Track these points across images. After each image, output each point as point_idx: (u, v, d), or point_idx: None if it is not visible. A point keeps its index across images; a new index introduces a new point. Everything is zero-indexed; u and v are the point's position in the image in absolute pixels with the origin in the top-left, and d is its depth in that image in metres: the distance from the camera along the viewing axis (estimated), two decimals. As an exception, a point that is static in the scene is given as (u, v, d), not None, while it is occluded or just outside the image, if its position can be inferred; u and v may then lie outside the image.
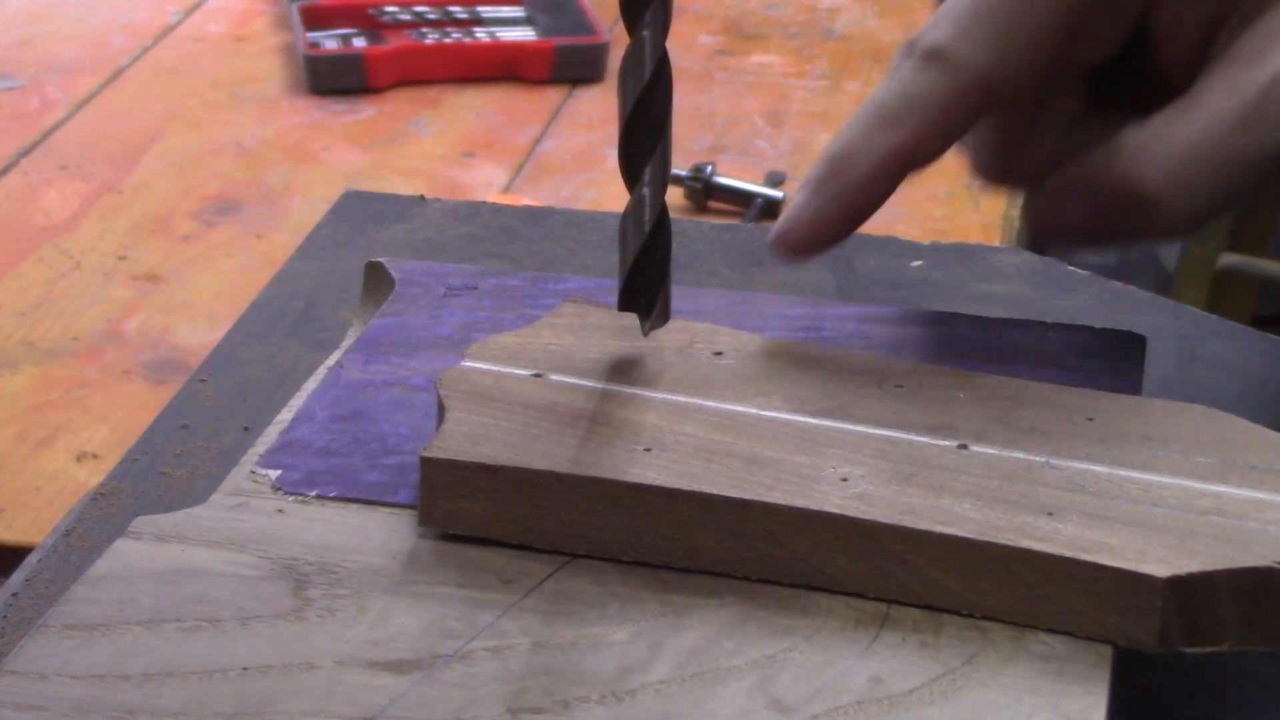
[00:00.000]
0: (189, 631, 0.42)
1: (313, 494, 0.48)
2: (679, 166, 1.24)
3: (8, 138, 1.34)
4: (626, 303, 0.49)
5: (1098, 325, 0.56)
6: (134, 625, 0.42)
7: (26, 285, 1.14)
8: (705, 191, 1.24)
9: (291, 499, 0.48)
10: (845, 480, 0.45)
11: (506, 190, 1.27)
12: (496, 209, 0.71)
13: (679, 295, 0.53)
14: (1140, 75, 0.54)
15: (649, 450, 0.46)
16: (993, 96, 0.51)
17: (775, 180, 1.25)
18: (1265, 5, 0.51)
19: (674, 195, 1.19)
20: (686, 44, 1.50)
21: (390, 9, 1.50)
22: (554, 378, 0.49)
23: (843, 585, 0.44)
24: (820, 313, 0.56)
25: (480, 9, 1.51)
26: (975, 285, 0.57)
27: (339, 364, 0.54)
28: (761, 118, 1.38)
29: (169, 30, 1.54)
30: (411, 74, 1.44)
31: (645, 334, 0.50)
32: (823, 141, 1.32)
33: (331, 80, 1.42)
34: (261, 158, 1.32)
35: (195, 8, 1.59)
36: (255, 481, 0.48)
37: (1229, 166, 0.50)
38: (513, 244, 0.68)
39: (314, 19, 1.48)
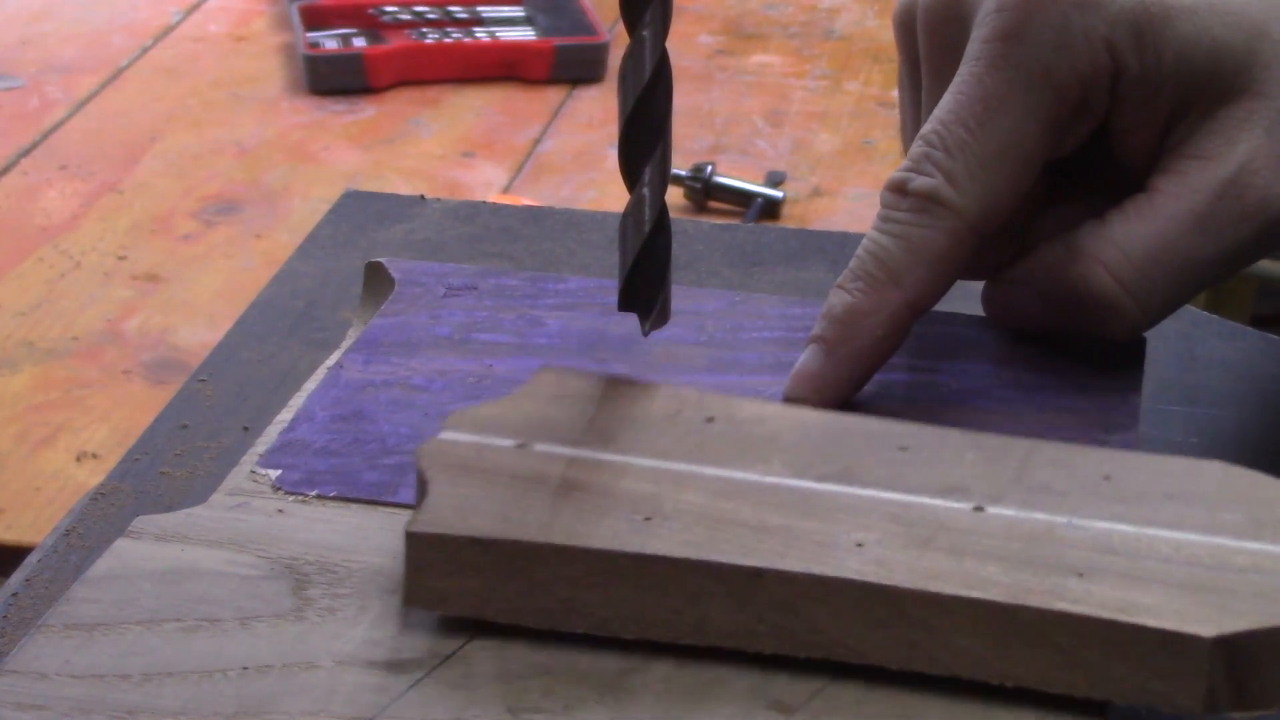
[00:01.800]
0: (189, 631, 0.42)
1: (313, 494, 0.48)
2: (679, 166, 1.24)
3: (8, 138, 1.34)
4: (626, 303, 0.49)
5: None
6: (134, 625, 0.42)
7: (26, 285, 1.14)
8: (705, 191, 1.24)
9: (291, 499, 0.48)
10: (860, 546, 0.43)
11: (506, 190, 1.26)
12: (496, 209, 0.71)
13: (679, 295, 0.53)
14: (1098, 162, 0.54)
15: (649, 519, 0.43)
16: (988, 231, 0.51)
17: (775, 180, 1.25)
18: (1222, 99, 0.51)
19: (674, 195, 1.19)
20: (686, 44, 1.50)
21: (390, 9, 1.50)
22: (539, 447, 0.46)
23: (863, 657, 0.42)
24: (813, 314, 0.56)
25: (480, 9, 1.51)
26: (975, 285, 0.57)
27: (339, 364, 0.54)
28: (761, 118, 1.38)
29: (169, 30, 1.54)
30: (411, 74, 1.44)
31: (645, 334, 0.50)
32: (823, 141, 1.32)
33: (331, 80, 1.42)
34: (261, 158, 1.32)
35: (195, 8, 1.59)
36: (255, 481, 0.48)
37: (1185, 269, 0.51)
38: (513, 244, 0.68)
39: (314, 19, 1.48)
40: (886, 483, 0.45)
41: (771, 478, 0.45)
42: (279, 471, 0.49)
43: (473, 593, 0.43)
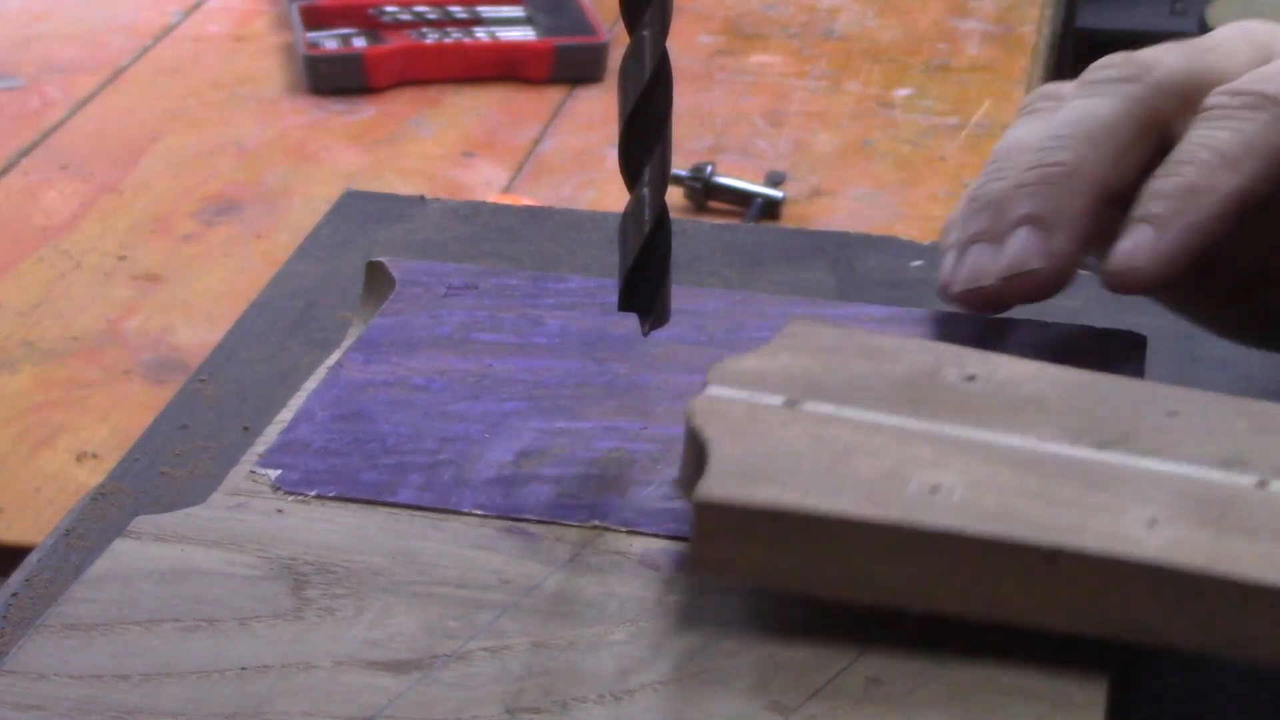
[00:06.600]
0: (188, 631, 0.42)
1: (312, 494, 0.48)
2: (679, 166, 1.24)
3: (8, 138, 1.34)
4: (626, 303, 0.49)
5: (1098, 325, 0.56)
6: (133, 625, 0.42)
7: (26, 285, 1.14)
8: (705, 191, 1.24)
9: (291, 499, 0.48)
10: (1154, 524, 0.41)
11: (506, 190, 1.26)
12: (496, 209, 0.71)
13: (679, 295, 0.53)
14: None
15: (935, 490, 0.42)
16: None
17: (775, 180, 1.25)
18: None
19: (674, 195, 1.19)
20: (686, 44, 1.50)
21: (390, 9, 1.50)
22: (809, 406, 0.45)
23: (1159, 638, 0.41)
24: (820, 313, 0.56)
25: (480, 9, 1.51)
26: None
27: (339, 364, 0.54)
28: (761, 118, 1.38)
29: (169, 30, 1.54)
30: (411, 74, 1.44)
31: (645, 334, 0.50)
32: (823, 141, 1.32)
33: (331, 80, 1.42)
34: (261, 158, 1.32)
35: (195, 8, 1.59)
36: (255, 481, 0.48)
37: None
38: (513, 244, 0.68)
39: (314, 19, 1.48)
40: (1165, 451, 0.44)
41: (1050, 444, 0.44)
42: (278, 471, 0.49)
43: (760, 561, 0.42)
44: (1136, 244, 0.50)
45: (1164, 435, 0.45)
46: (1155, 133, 0.52)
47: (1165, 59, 0.53)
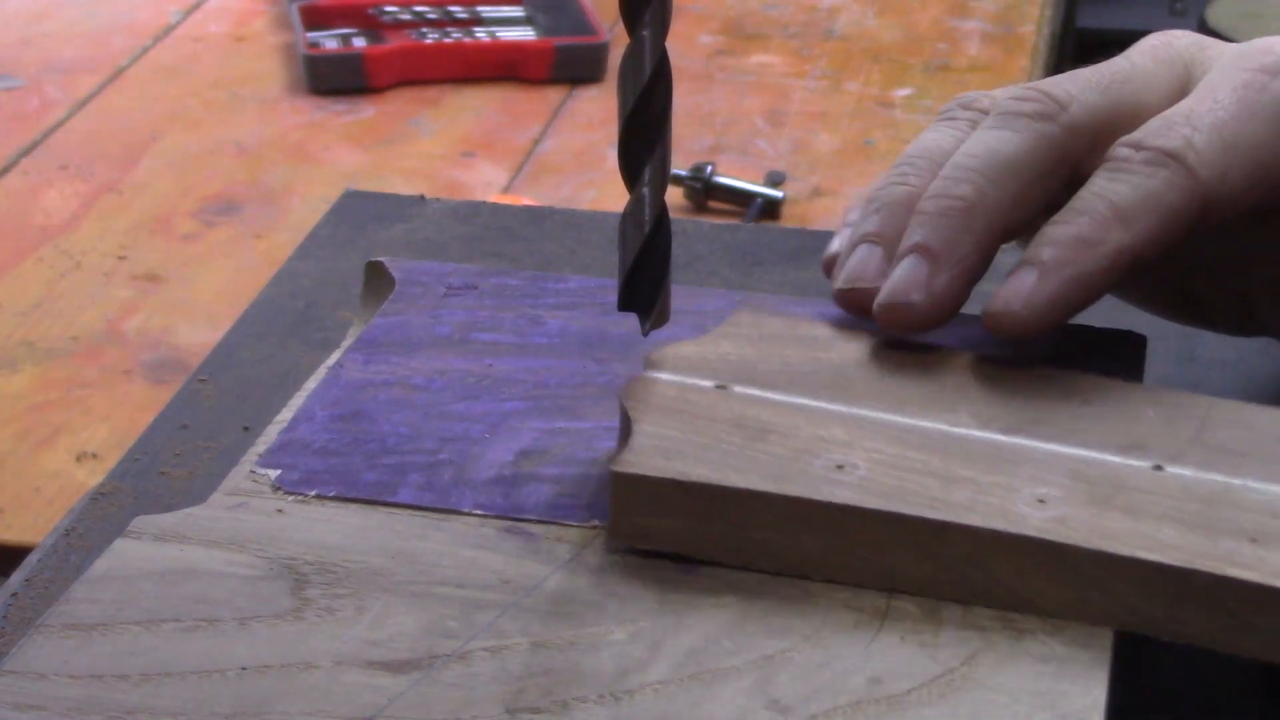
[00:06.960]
0: (188, 631, 0.42)
1: (312, 494, 0.48)
2: (679, 166, 1.24)
3: (8, 138, 1.34)
4: (626, 303, 0.49)
5: (1098, 325, 0.56)
6: (133, 625, 0.42)
7: (26, 285, 1.14)
8: (705, 191, 1.24)
9: (291, 499, 0.48)
10: (1042, 502, 0.44)
11: (506, 190, 1.27)
12: (496, 209, 0.71)
13: (679, 295, 0.53)
14: None
15: (841, 468, 0.45)
16: (1212, 216, 0.51)
17: (775, 180, 1.25)
18: None
19: (674, 195, 1.19)
20: (686, 44, 1.50)
21: (390, 9, 1.50)
22: (738, 389, 0.48)
23: (1041, 610, 0.43)
24: (820, 313, 0.56)
25: (480, 9, 1.51)
26: (975, 285, 0.57)
27: (339, 364, 0.54)
28: (761, 118, 1.38)
29: (169, 30, 1.54)
30: (411, 74, 1.44)
31: (645, 334, 0.50)
32: (823, 141, 1.32)
33: (331, 80, 1.42)
34: (261, 158, 1.32)
35: (195, 8, 1.59)
36: (255, 481, 0.48)
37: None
38: (513, 244, 0.68)
39: (314, 19, 1.48)
40: (1069, 437, 0.46)
41: (959, 429, 0.47)
42: (278, 471, 0.49)
43: (673, 531, 0.45)
44: (1017, 289, 0.50)
45: (1073, 421, 0.47)
46: (1063, 171, 0.52)
47: (1080, 97, 0.52)
